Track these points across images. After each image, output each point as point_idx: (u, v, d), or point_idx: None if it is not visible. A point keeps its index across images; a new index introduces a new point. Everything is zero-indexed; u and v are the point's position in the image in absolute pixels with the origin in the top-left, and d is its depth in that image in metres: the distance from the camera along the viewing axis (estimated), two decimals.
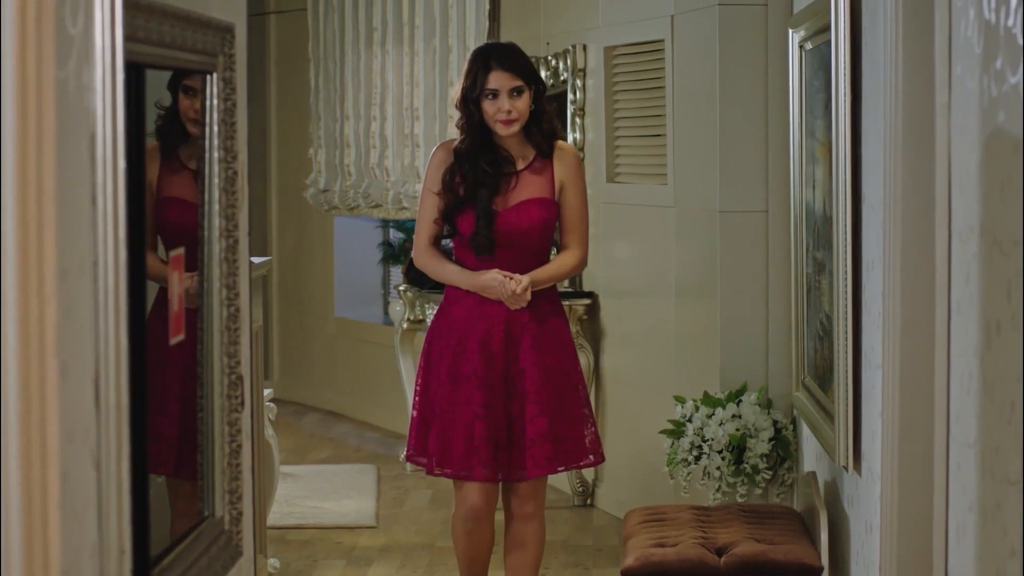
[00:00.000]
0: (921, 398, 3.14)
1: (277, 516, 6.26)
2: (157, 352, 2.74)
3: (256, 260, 4.59)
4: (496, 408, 4.46)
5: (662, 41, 5.99)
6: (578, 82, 6.63)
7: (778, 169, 5.46)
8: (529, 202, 4.54)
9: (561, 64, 6.72)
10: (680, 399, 5.43)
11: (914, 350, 3.20)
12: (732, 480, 5.18)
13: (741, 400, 5.30)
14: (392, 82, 7.98)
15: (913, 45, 3.16)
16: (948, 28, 2.71)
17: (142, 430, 2.47)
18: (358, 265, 9.18)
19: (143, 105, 2.58)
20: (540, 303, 4.56)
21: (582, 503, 6.62)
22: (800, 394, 4.84)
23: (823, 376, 4.37)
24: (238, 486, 3.15)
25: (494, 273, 4.50)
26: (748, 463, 5.16)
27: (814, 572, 4.22)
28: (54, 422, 1.93)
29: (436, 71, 7.59)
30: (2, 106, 1.82)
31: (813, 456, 4.93)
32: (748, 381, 5.44)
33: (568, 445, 4.55)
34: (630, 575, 4.26)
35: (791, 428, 5.27)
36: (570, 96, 6.66)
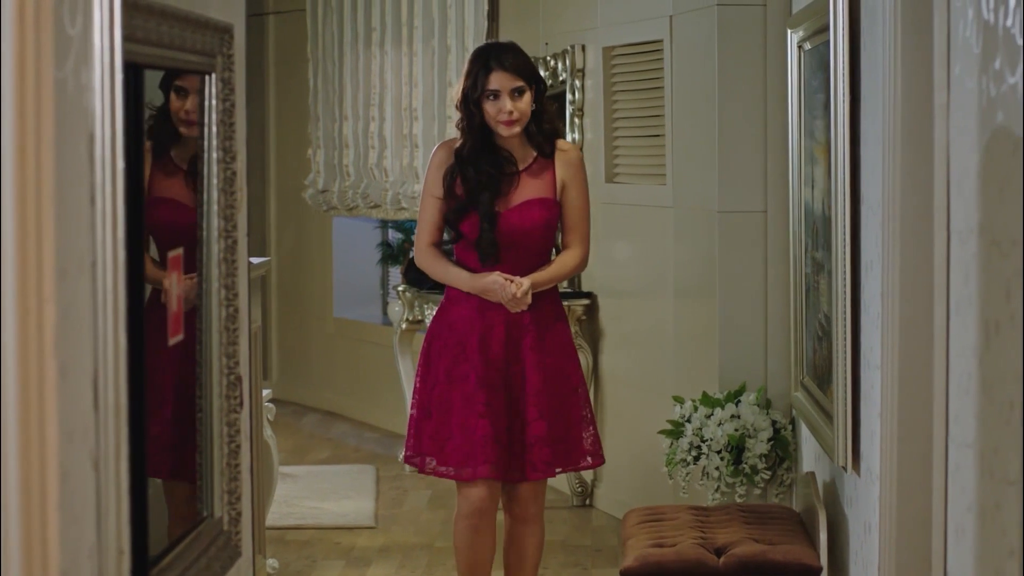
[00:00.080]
0: (920, 398, 3.14)
1: (276, 516, 6.25)
2: (152, 353, 2.73)
3: (255, 260, 4.59)
4: (498, 408, 4.45)
5: (661, 41, 5.99)
6: (577, 82, 6.62)
7: (777, 169, 5.45)
8: (531, 203, 4.53)
9: (560, 64, 6.71)
10: (679, 399, 5.43)
11: (913, 350, 3.20)
12: (731, 480, 5.18)
13: (740, 400, 5.30)
14: (391, 82, 7.98)
15: (912, 45, 3.16)
16: (947, 28, 2.71)
17: (141, 431, 2.47)
18: (357, 265, 9.18)
19: (142, 105, 2.58)
20: (541, 304, 4.54)
21: (581, 503, 6.62)
22: (799, 394, 4.84)
23: (822, 376, 4.36)
24: (237, 486, 3.15)
25: (495, 276, 4.48)
26: (747, 463, 5.16)
27: (813, 572, 4.22)
28: (53, 422, 1.93)
29: (435, 71, 7.59)
30: (1, 107, 1.82)
31: (812, 456, 4.93)
32: (747, 381, 5.44)
33: (567, 447, 4.54)
34: (629, 575, 4.26)
35: (790, 428, 5.27)
36: (569, 96, 6.66)
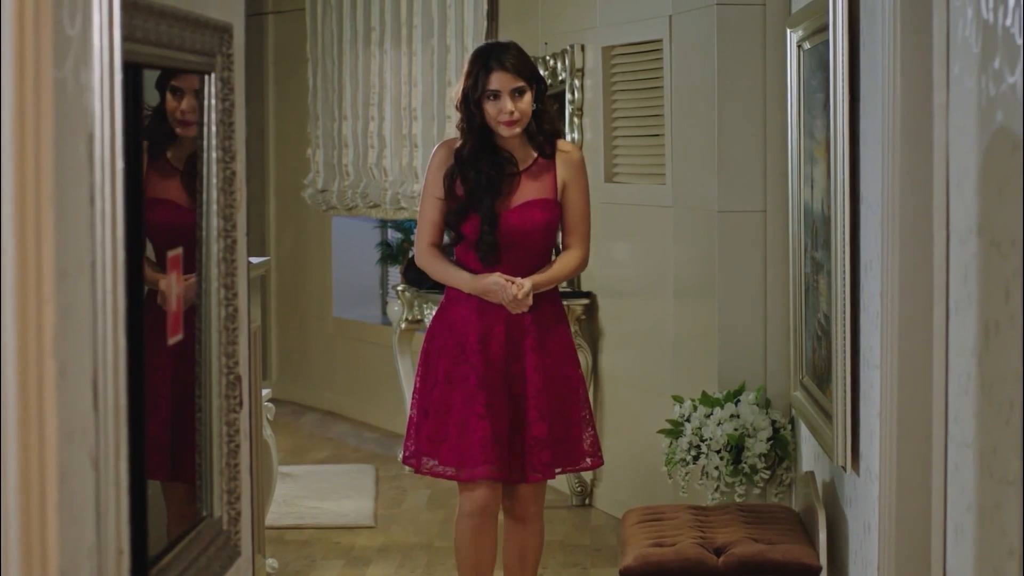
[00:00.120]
0: (919, 398, 3.14)
1: (275, 516, 6.25)
2: (150, 354, 2.72)
3: (254, 260, 4.58)
4: (498, 408, 4.44)
5: (660, 41, 5.99)
6: (576, 82, 6.62)
7: (776, 169, 5.45)
8: (532, 203, 4.51)
9: (559, 64, 6.71)
10: (678, 399, 5.43)
11: (912, 350, 3.20)
12: (730, 480, 5.18)
13: (739, 400, 5.29)
14: (390, 82, 7.98)
15: (911, 45, 3.16)
16: (946, 28, 2.71)
17: (140, 431, 2.47)
18: (356, 265, 9.18)
19: (141, 105, 2.57)
20: (542, 306, 4.53)
21: (580, 503, 6.62)
22: (798, 394, 4.84)
23: (821, 376, 4.36)
24: (236, 486, 3.15)
25: (496, 277, 4.46)
26: (746, 463, 5.16)
27: (812, 572, 4.22)
28: (52, 423, 1.92)
29: (434, 71, 7.59)
30: (1, 107, 1.82)
31: (811, 456, 4.92)
32: (746, 381, 5.44)
33: (567, 448, 4.54)
34: (628, 575, 4.26)
35: (789, 428, 5.27)
36: (568, 96, 6.66)
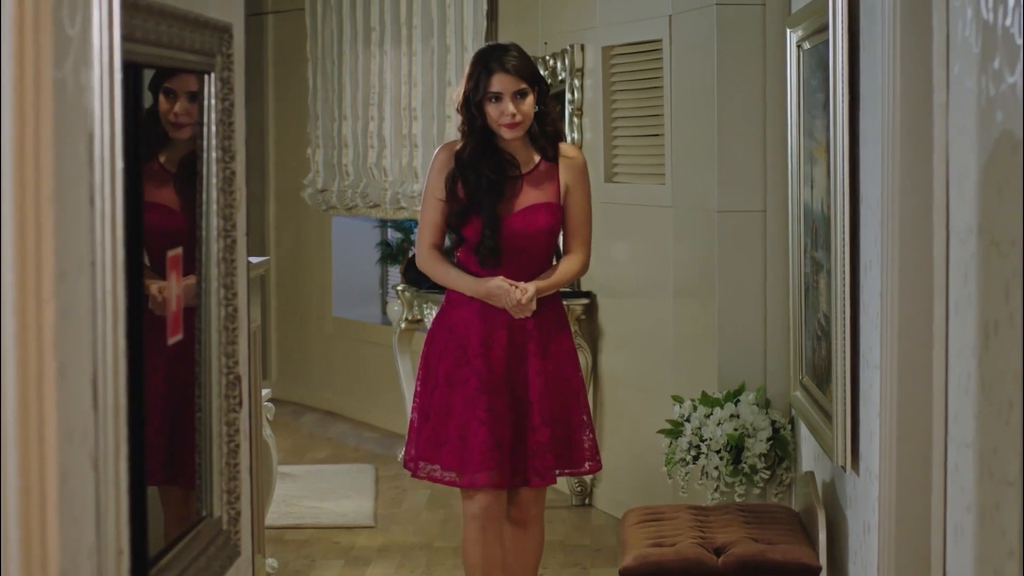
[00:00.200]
0: (919, 398, 3.14)
1: (275, 516, 6.26)
2: (148, 357, 2.71)
3: (254, 260, 4.58)
4: (500, 412, 4.42)
5: (660, 41, 5.99)
6: (576, 82, 6.62)
7: (776, 169, 5.45)
8: (535, 207, 4.50)
9: (559, 64, 6.72)
10: (678, 399, 5.43)
11: (912, 350, 3.20)
12: (730, 480, 5.18)
13: (739, 400, 5.30)
14: (390, 82, 7.98)
15: (911, 45, 3.15)
16: (946, 28, 2.71)
17: (140, 431, 2.47)
18: (356, 265, 9.18)
19: (141, 106, 2.57)
20: (544, 311, 4.52)
21: (580, 503, 6.62)
22: (798, 394, 4.84)
23: (821, 376, 4.36)
24: (236, 486, 3.15)
25: (499, 281, 4.44)
26: (746, 463, 5.16)
27: (812, 572, 4.22)
28: (52, 423, 1.92)
29: (434, 71, 7.59)
30: (1, 107, 1.82)
31: (811, 456, 4.93)
32: (746, 381, 5.44)
33: (568, 451, 4.53)
34: (628, 575, 4.26)
35: (789, 428, 5.27)
36: (568, 96, 6.66)
